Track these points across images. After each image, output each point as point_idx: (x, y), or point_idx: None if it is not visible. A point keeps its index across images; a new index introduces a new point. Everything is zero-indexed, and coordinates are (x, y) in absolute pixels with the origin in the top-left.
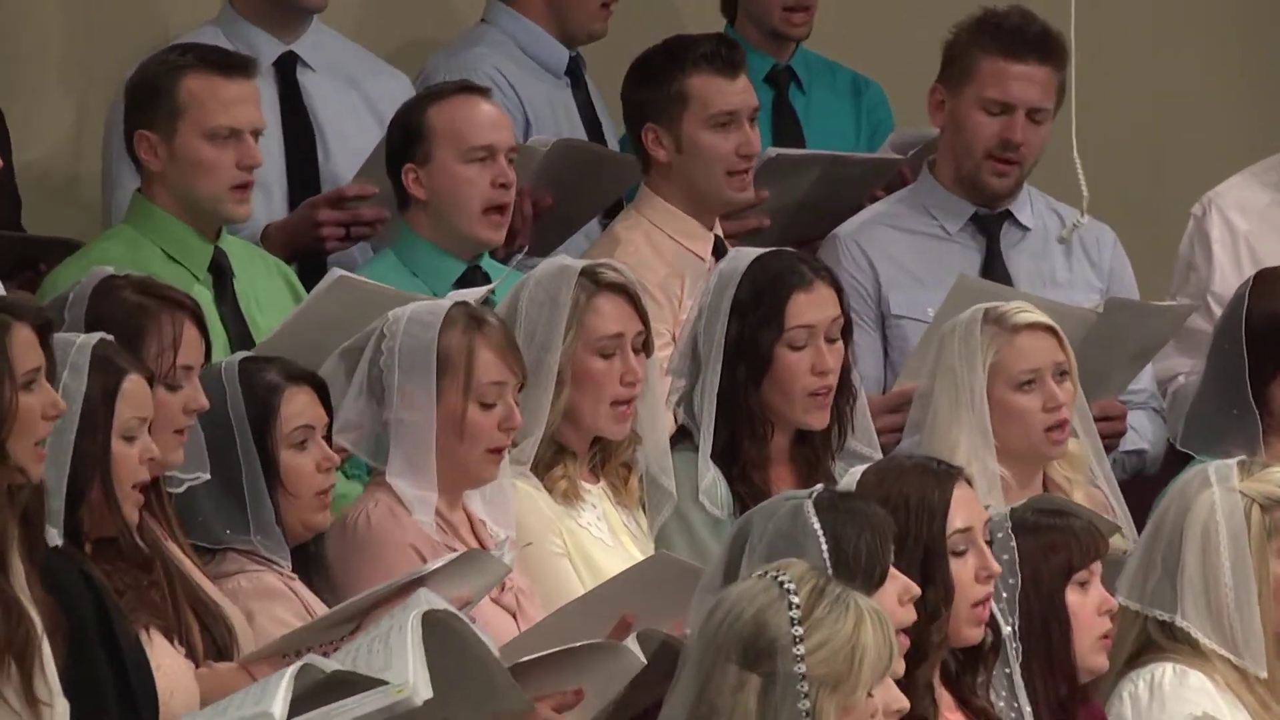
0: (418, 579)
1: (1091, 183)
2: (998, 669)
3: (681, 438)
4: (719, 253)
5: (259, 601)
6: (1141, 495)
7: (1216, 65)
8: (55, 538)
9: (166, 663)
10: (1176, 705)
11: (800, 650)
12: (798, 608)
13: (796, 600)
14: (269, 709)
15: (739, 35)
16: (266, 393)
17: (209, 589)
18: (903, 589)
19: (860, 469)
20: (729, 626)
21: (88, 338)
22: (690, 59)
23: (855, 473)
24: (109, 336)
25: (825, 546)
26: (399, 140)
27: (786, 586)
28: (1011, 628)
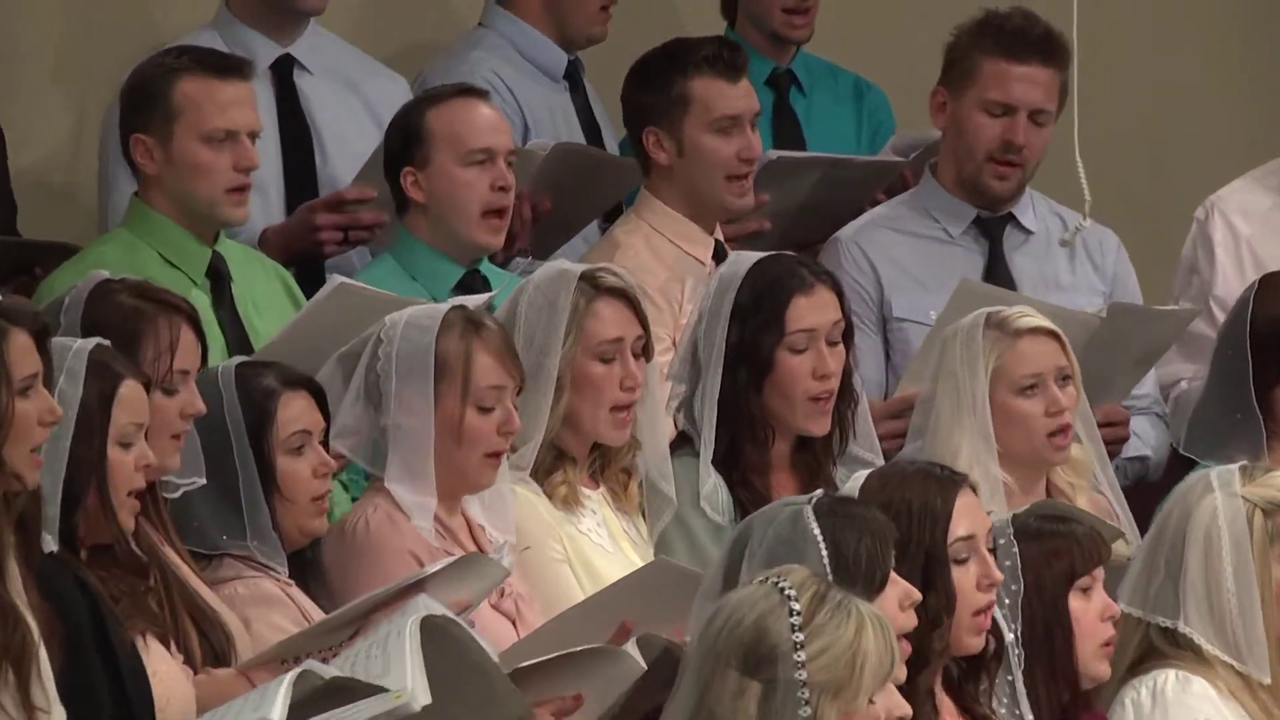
0: (417, 583)
1: (1094, 185)
2: (1000, 676)
3: (682, 443)
4: (719, 256)
5: (256, 608)
6: (1145, 501)
7: (1219, 66)
8: (50, 544)
9: (162, 669)
10: (1179, 712)
11: (801, 657)
12: (799, 614)
13: (797, 606)
14: (268, 715)
15: (740, 38)
16: (263, 398)
17: (206, 595)
18: (904, 594)
19: (864, 474)
20: (729, 633)
21: (84, 343)
22: (692, 62)
23: (859, 477)
24: (105, 341)
25: (825, 552)
26: (397, 143)
27: (787, 593)
28: (1014, 634)
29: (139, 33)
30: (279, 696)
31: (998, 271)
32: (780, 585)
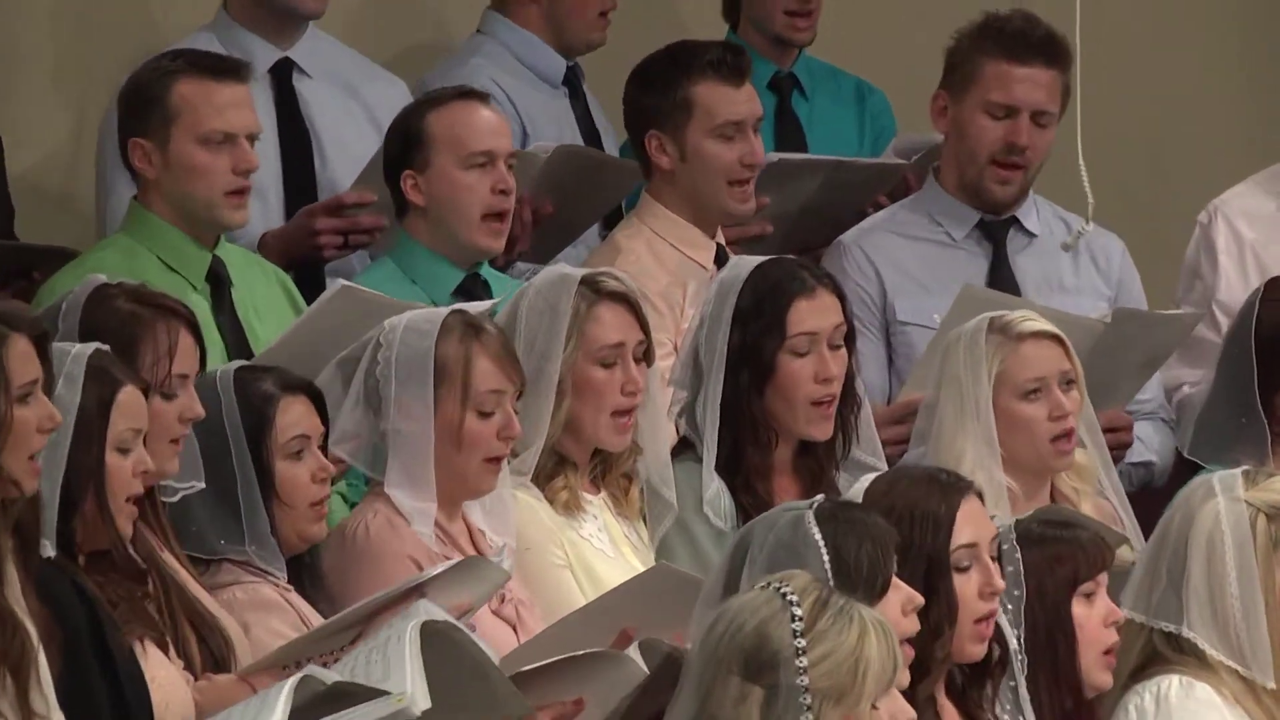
0: (417, 586)
1: (1096, 188)
2: (1003, 682)
3: (684, 448)
4: (721, 260)
5: (255, 613)
6: (1150, 507)
7: (1220, 68)
8: (48, 549)
9: (161, 675)
10: (1184, 718)
11: (803, 662)
12: (800, 619)
13: (799, 612)
14: None
15: (742, 41)
16: (262, 402)
17: (206, 600)
18: (905, 599)
19: (870, 477)
20: (731, 638)
21: (83, 348)
22: (696, 66)
23: (865, 480)
24: (104, 347)
25: (826, 557)
26: (397, 146)
27: (789, 598)
28: (1017, 640)
29: (138, 34)
30: (280, 701)
31: (1002, 274)
32: (782, 590)
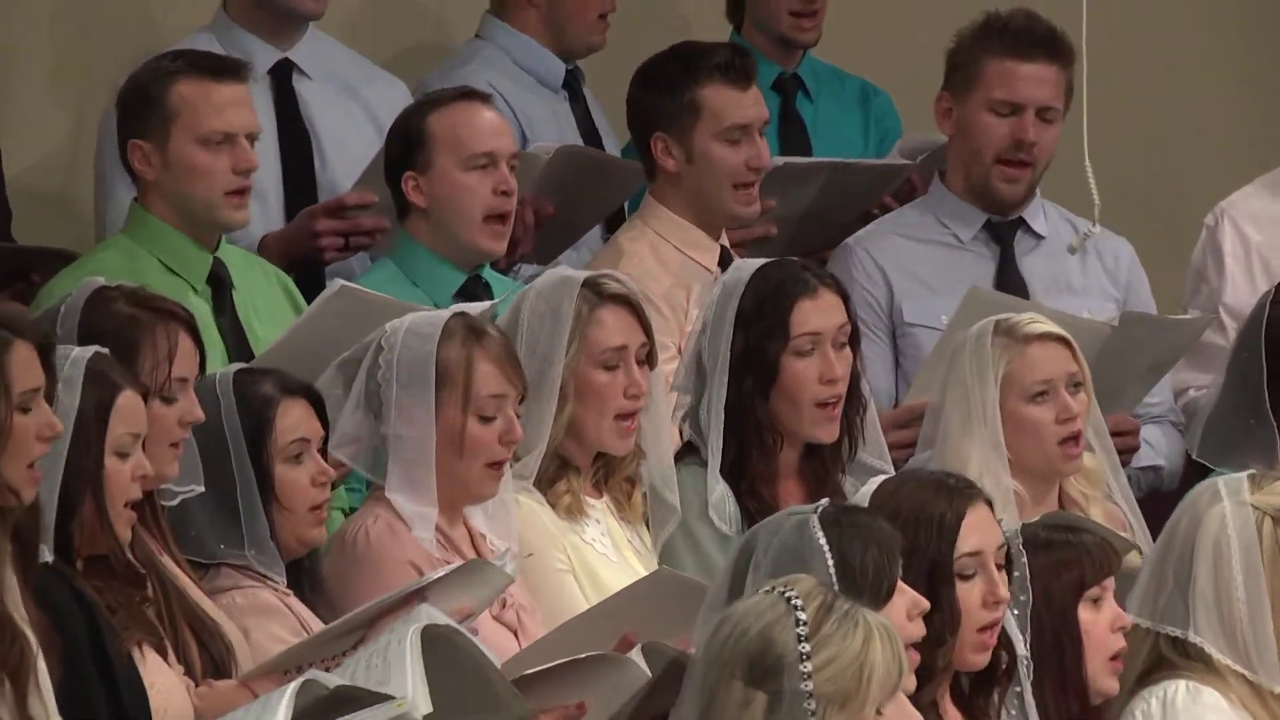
0: (419, 590)
1: (1102, 190)
2: (1009, 688)
3: (688, 453)
4: (725, 263)
5: (254, 618)
6: (1159, 511)
7: (1228, 71)
8: (46, 554)
9: (160, 680)
10: None
11: (807, 667)
12: (805, 624)
13: (804, 617)
14: None
15: (746, 42)
16: (261, 405)
17: (206, 605)
18: (911, 604)
19: (879, 479)
20: (735, 643)
21: (82, 351)
22: (704, 68)
23: (873, 483)
24: (103, 350)
25: (831, 561)
26: (398, 147)
27: (794, 603)
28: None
29: (137, 35)
30: (282, 706)
31: (1009, 276)
32: (786, 595)
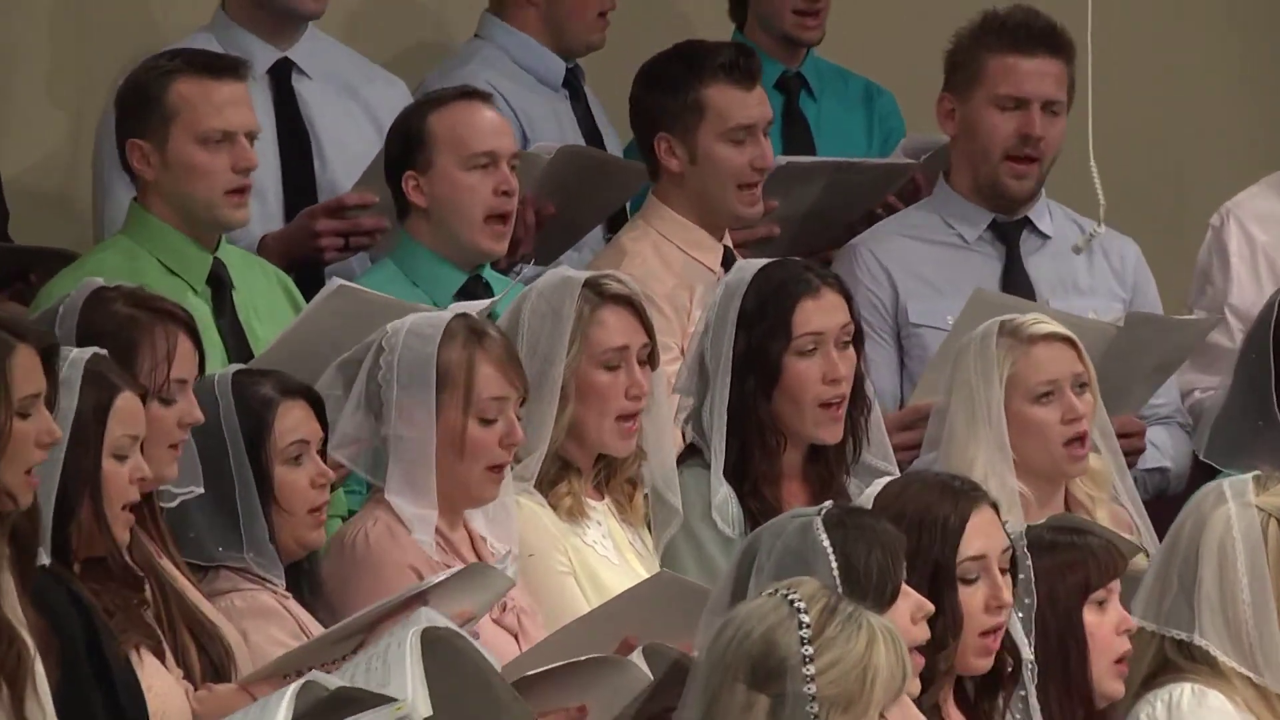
0: (420, 594)
1: (1108, 191)
2: (1013, 691)
3: (691, 454)
4: (728, 263)
5: (254, 621)
6: (1166, 514)
7: (1233, 71)
8: (43, 557)
9: (157, 684)
10: None
11: (810, 670)
12: (808, 627)
13: (807, 619)
14: None
15: (748, 41)
16: (261, 407)
17: (206, 608)
18: (915, 607)
19: (884, 481)
20: (737, 645)
21: (80, 352)
22: (709, 68)
23: (877, 485)
24: (102, 351)
25: (835, 564)
26: (399, 147)
27: (797, 605)
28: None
29: (137, 35)
30: (282, 709)
31: (1015, 276)
32: (789, 597)
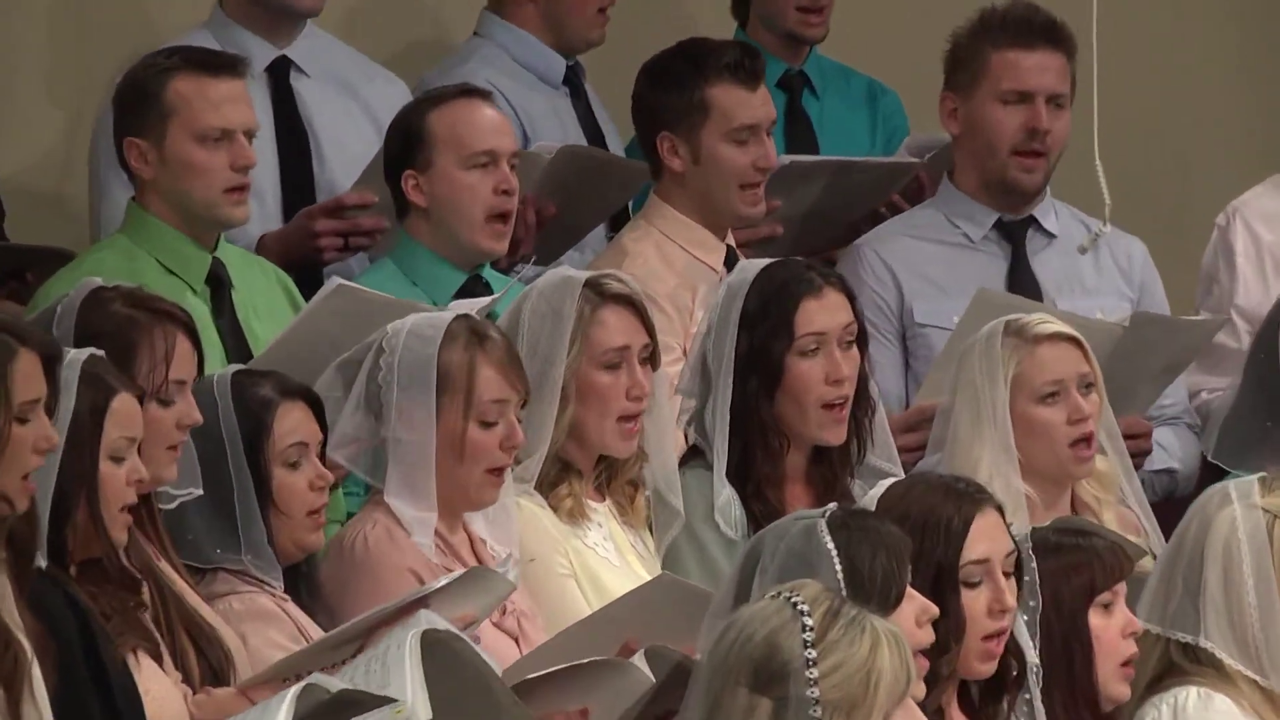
0: (421, 598)
1: (1114, 190)
2: (1018, 695)
3: (693, 456)
4: (731, 263)
5: (252, 623)
6: (1174, 516)
7: (1239, 70)
8: (39, 559)
9: (155, 687)
10: None
11: (813, 674)
12: (811, 630)
13: (810, 622)
14: None
15: (751, 39)
16: (259, 408)
17: (205, 611)
18: (920, 610)
19: (888, 482)
20: (740, 648)
21: (77, 353)
22: (713, 68)
23: (882, 486)
24: (99, 352)
25: (839, 567)
26: (398, 146)
27: (800, 608)
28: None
29: (135, 34)
30: (282, 711)
31: (1021, 275)
32: (793, 600)
